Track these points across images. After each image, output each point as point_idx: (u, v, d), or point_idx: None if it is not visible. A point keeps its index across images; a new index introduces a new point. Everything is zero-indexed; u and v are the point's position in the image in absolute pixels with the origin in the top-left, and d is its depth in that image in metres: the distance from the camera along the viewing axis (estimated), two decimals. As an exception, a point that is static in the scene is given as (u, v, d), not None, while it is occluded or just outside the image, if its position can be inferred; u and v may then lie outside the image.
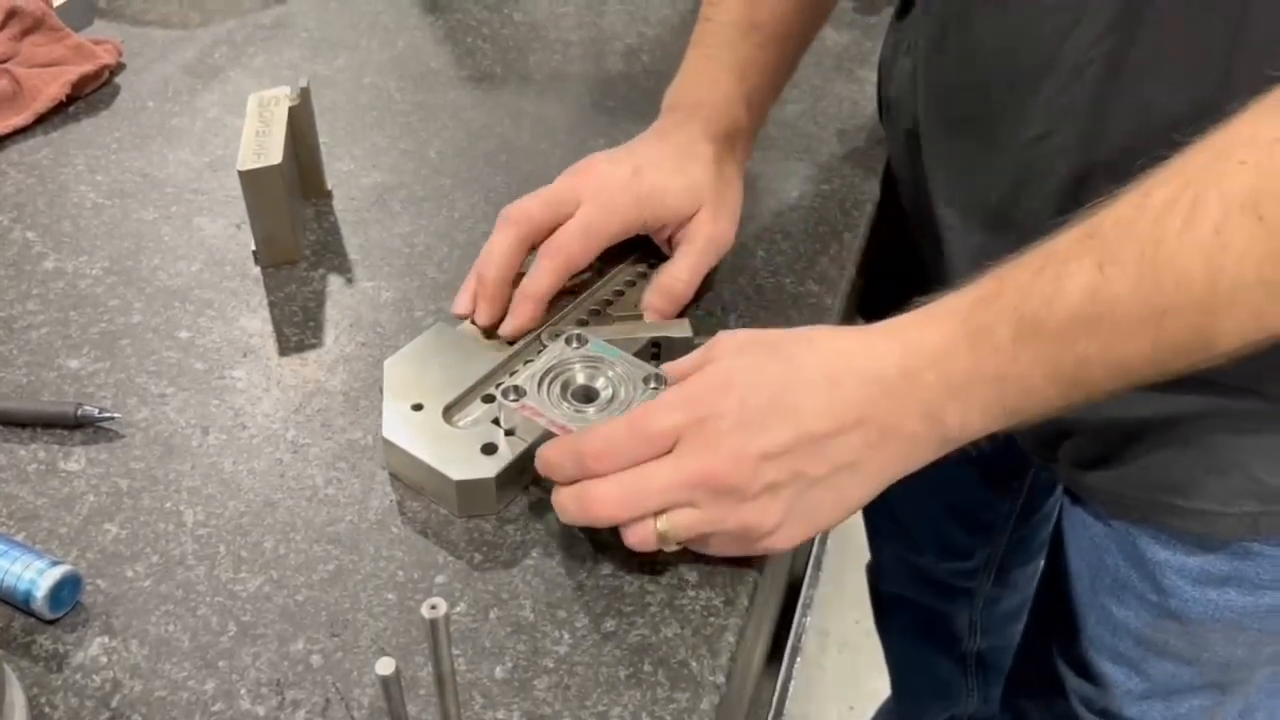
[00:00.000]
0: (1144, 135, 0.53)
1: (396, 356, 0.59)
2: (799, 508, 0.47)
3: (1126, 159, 0.54)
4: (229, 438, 0.57)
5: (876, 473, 0.48)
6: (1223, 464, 0.60)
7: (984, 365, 0.46)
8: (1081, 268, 0.45)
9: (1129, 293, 0.44)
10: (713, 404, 0.47)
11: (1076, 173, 0.57)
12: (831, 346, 0.49)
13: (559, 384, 0.54)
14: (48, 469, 0.55)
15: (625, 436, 0.47)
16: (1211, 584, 0.66)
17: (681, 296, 0.63)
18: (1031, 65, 0.56)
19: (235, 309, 0.65)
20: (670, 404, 0.48)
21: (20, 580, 0.48)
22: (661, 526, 0.47)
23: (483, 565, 0.52)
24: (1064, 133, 0.57)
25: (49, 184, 0.75)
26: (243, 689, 0.46)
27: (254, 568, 0.51)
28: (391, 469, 0.56)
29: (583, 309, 0.63)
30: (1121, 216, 0.45)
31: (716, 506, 0.47)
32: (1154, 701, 0.74)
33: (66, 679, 0.47)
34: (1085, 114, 0.55)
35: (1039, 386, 0.46)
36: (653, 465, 0.47)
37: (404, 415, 0.55)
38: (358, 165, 0.78)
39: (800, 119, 0.85)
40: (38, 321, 0.64)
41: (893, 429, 0.47)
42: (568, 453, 0.49)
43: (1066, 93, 0.55)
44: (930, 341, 0.47)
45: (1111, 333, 0.44)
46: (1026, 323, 0.45)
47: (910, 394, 0.47)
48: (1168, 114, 0.52)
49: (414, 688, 0.47)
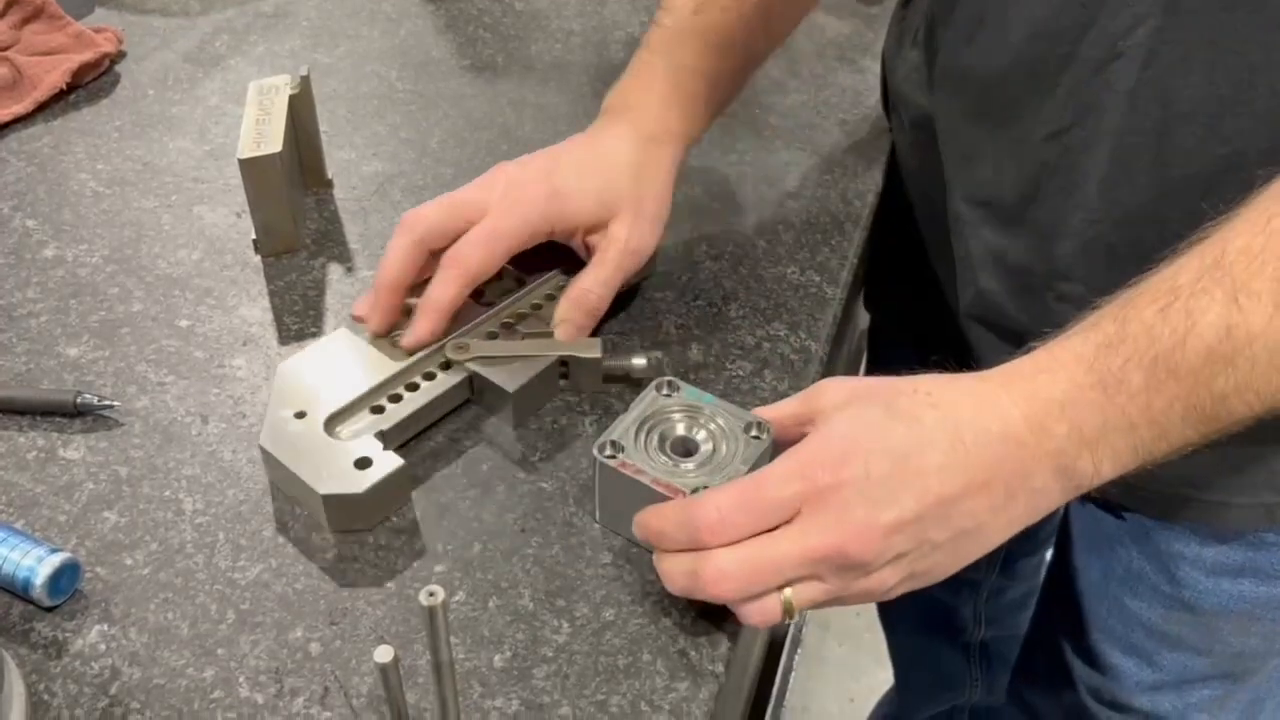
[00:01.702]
0: (1170, 128, 0.53)
1: (292, 360, 0.57)
2: (917, 570, 0.45)
3: (1152, 152, 0.54)
4: (229, 426, 0.57)
5: (997, 531, 0.46)
6: (1239, 456, 0.60)
7: (1117, 413, 0.44)
8: (1213, 301, 0.42)
9: (1265, 324, 0.42)
10: (835, 472, 0.44)
11: (1099, 167, 0.56)
12: (951, 402, 0.46)
13: (656, 436, 0.52)
14: (47, 456, 0.55)
15: (742, 508, 0.44)
16: (1226, 575, 0.66)
17: (593, 309, 0.60)
18: (1055, 57, 0.56)
19: (235, 298, 0.65)
20: (789, 473, 0.44)
21: (19, 568, 0.48)
22: (786, 602, 0.45)
23: (482, 554, 0.52)
24: (1087, 126, 0.56)
25: (49, 172, 0.74)
26: (241, 676, 0.46)
27: (253, 556, 0.51)
28: (271, 478, 0.54)
29: (494, 322, 0.61)
30: (1248, 245, 0.43)
31: (841, 579, 0.44)
32: (1164, 692, 0.74)
33: (65, 666, 0.47)
34: (1109, 107, 0.54)
35: (1176, 428, 0.44)
36: (774, 540, 0.44)
37: (285, 422, 0.53)
38: (358, 154, 0.78)
39: (802, 109, 0.85)
40: (38, 309, 0.64)
41: (1020, 486, 0.45)
42: (679, 523, 0.45)
43: (1091, 85, 0.55)
44: (1057, 392, 0.44)
45: (1251, 367, 0.42)
46: (1159, 365, 0.43)
47: (1040, 449, 0.44)
48: (1194, 107, 0.51)
49: (412, 676, 0.47)
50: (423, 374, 0.58)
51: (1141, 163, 0.54)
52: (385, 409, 0.56)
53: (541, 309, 0.62)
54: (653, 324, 0.65)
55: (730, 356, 0.63)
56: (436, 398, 0.57)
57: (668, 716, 0.46)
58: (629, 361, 0.60)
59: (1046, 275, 0.61)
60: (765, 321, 0.65)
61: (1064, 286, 0.60)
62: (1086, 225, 0.58)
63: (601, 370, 0.59)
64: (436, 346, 0.58)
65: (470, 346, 0.58)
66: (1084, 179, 0.57)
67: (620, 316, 0.65)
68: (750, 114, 0.83)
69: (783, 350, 0.63)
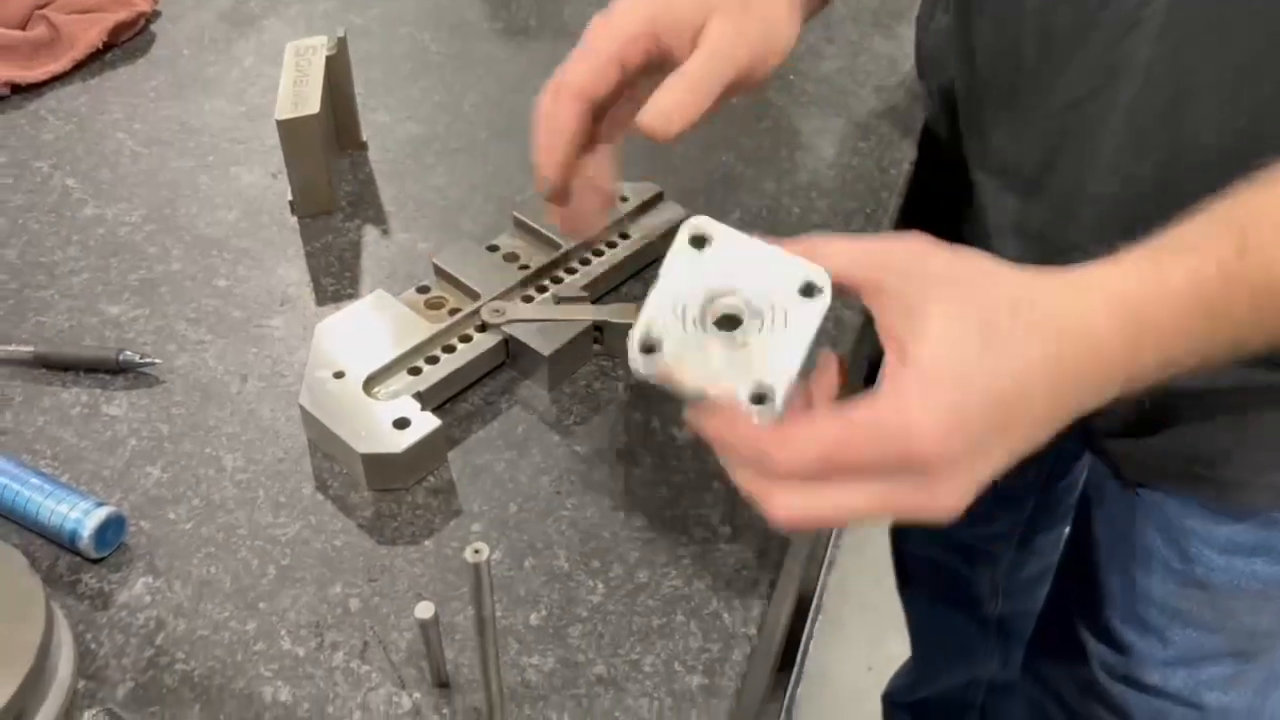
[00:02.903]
0: (1186, 98, 0.52)
1: (330, 320, 0.58)
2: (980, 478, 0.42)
3: (1170, 122, 0.53)
4: (267, 385, 0.58)
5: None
6: (1254, 435, 0.60)
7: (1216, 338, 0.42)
8: None
9: None
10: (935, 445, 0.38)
11: (1117, 136, 0.56)
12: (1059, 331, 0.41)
13: (696, 309, 0.44)
14: (90, 412, 0.56)
15: (819, 465, 0.40)
16: (1239, 553, 0.66)
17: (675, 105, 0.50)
18: (1071, 27, 0.55)
19: (273, 258, 0.66)
20: (885, 436, 0.39)
21: (66, 520, 0.49)
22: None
23: (518, 515, 0.52)
24: (1105, 96, 0.55)
25: (87, 131, 0.75)
26: (283, 630, 0.47)
27: (293, 513, 0.52)
28: (310, 436, 0.55)
29: (530, 286, 0.61)
30: None
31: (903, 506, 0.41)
32: (1176, 669, 0.74)
33: (112, 617, 0.48)
34: (1127, 77, 0.54)
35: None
36: (850, 494, 0.40)
37: (323, 382, 0.54)
38: (392, 117, 0.78)
39: (838, 75, 0.84)
40: (79, 267, 0.64)
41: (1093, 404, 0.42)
42: (750, 454, 0.41)
43: (1109, 55, 0.54)
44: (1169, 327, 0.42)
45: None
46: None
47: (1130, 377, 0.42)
48: (1212, 77, 0.51)
49: (449, 633, 0.47)
50: (459, 337, 0.58)
51: (1160, 133, 0.54)
52: (422, 370, 0.56)
53: (577, 274, 0.62)
54: (686, 290, 0.65)
55: (764, 323, 0.63)
56: (472, 360, 0.57)
57: (701, 677, 0.46)
58: None
59: (1066, 244, 0.61)
60: (799, 289, 0.65)
61: (1083, 255, 0.60)
62: (1106, 194, 0.57)
63: None
64: (473, 309, 0.59)
65: (506, 310, 0.59)
66: (1102, 148, 0.57)
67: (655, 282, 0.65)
68: (785, 80, 0.83)
69: (816, 318, 0.63)
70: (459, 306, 0.60)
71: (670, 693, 0.46)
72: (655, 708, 0.45)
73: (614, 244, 0.64)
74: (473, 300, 0.60)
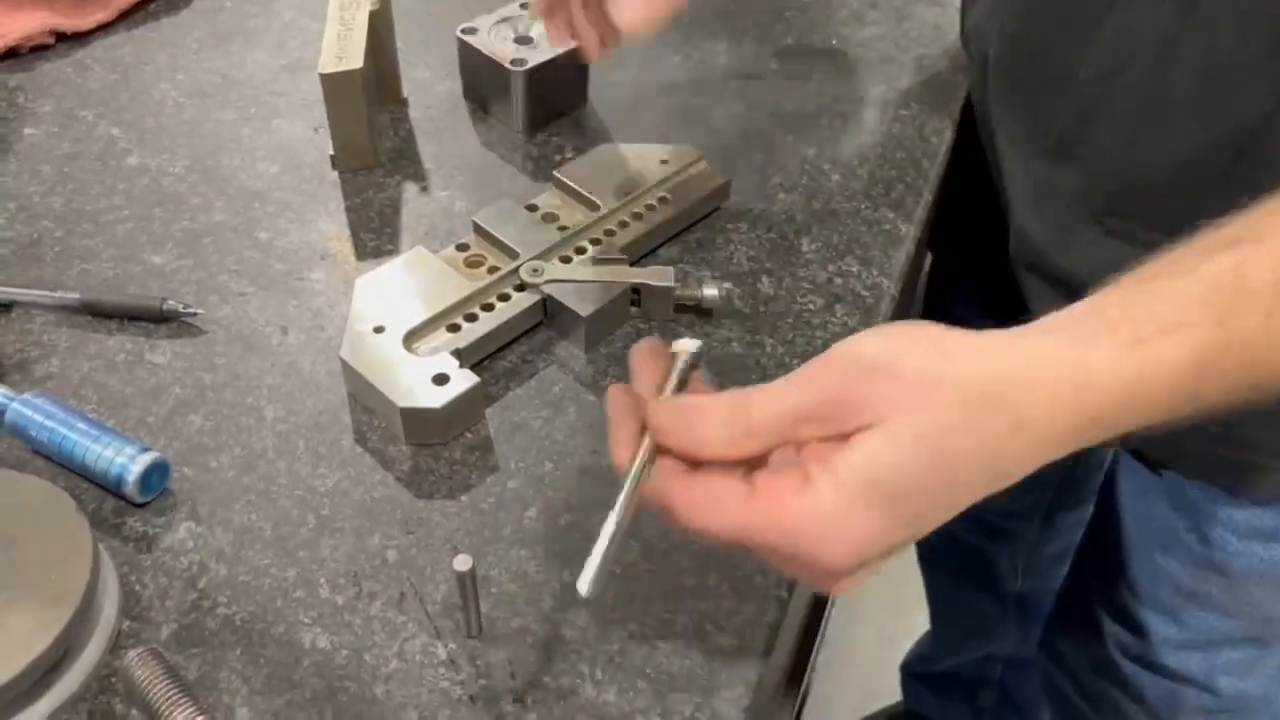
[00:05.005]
0: (1213, 72, 0.52)
1: (370, 275, 0.58)
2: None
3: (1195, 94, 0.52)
4: (308, 338, 0.59)
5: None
6: (1277, 418, 0.59)
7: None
8: None
9: None
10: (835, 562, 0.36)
11: (1144, 107, 0.55)
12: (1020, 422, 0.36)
13: None
14: (135, 360, 0.57)
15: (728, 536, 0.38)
16: (1259, 538, 0.66)
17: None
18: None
19: (314, 212, 0.66)
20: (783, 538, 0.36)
21: (113, 464, 0.49)
22: None
23: (553, 473, 0.53)
24: (1134, 68, 0.55)
25: (131, 81, 0.75)
26: (322, 578, 0.48)
27: (332, 464, 0.53)
28: (350, 389, 0.56)
29: (568, 247, 0.61)
30: None
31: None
32: (1192, 652, 0.74)
33: (156, 560, 0.49)
34: (1154, 50, 0.54)
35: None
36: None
37: (364, 336, 0.55)
38: (433, 73, 0.78)
39: (881, 42, 0.83)
40: (123, 216, 0.65)
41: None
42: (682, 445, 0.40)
43: (1138, 27, 0.54)
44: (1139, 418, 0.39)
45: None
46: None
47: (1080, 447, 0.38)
48: (1237, 51, 0.51)
49: (484, 586, 0.48)
50: (497, 295, 0.59)
51: (1188, 107, 0.54)
52: (461, 328, 0.57)
53: (613, 235, 0.62)
54: (725, 254, 0.65)
55: (801, 290, 0.63)
56: (511, 319, 0.58)
57: (731, 638, 0.47)
58: (700, 291, 0.60)
59: (1093, 211, 0.60)
60: (838, 256, 0.65)
61: (1112, 222, 0.60)
62: (1134, 164, 0.57)
63: (673, 299, 0.60)
64: (513, 267, 0.59)
65: (545, 270, 0.59)
66: (1130, 121, 0.56)
67: (693, 246, 0.65)
68: (827, 45, 0.82)
69: (854, 287, 0.63)
70: (498, 265, 0.60)
71: (701, 651, 0.46)
72: (686, 666, 0.46)
73: (653, 207, 0.64)
74: (511, 259, 0.60)
